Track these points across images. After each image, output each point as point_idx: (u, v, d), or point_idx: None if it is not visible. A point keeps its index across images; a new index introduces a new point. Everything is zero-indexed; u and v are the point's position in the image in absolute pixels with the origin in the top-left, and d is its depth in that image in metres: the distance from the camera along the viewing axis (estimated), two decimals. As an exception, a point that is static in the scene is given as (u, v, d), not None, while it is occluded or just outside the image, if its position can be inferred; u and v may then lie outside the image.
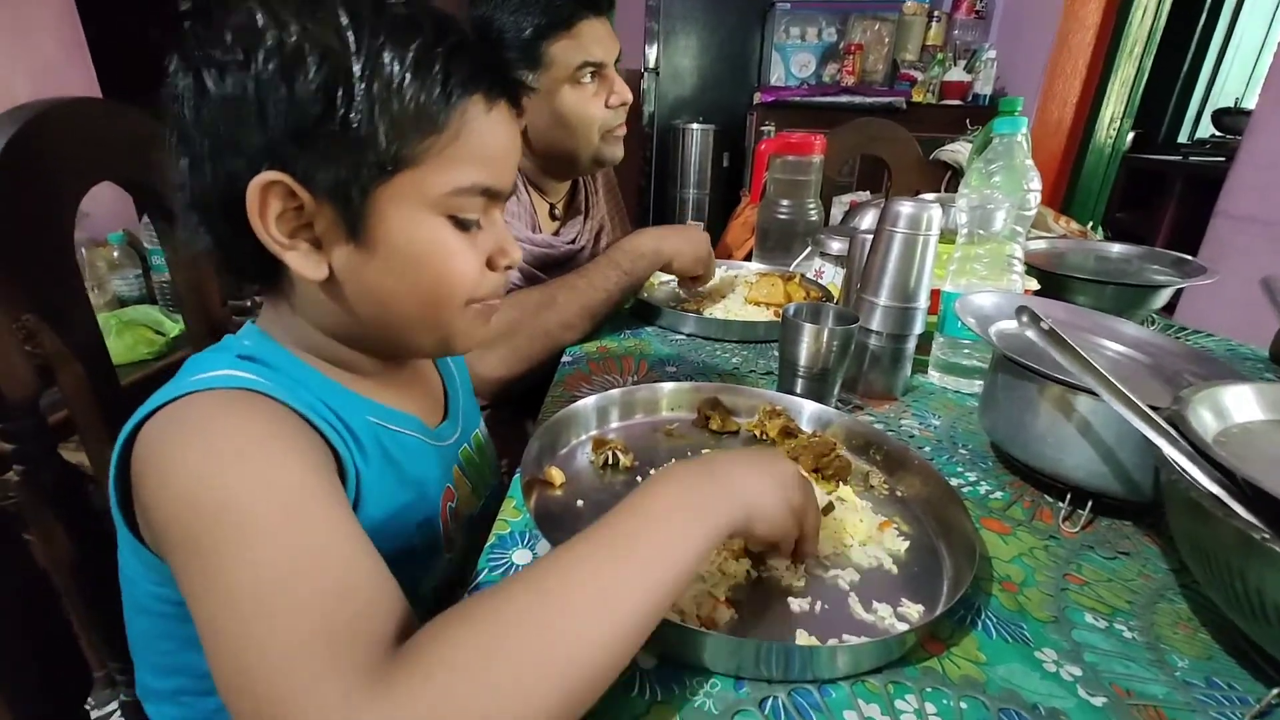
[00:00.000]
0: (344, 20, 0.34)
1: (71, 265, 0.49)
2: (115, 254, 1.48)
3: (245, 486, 0.30)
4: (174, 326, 1.36)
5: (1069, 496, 0.54)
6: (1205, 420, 0.43)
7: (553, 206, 1.06)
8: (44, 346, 0.49)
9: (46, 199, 0.47)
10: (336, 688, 0.25)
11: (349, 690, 0.25)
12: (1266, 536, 0.33)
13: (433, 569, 0.49)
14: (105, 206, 1.58)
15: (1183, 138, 3.17)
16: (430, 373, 0.55)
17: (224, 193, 0.36)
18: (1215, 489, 0.37)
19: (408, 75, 0.35)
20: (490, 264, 0.43)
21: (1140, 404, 0.43)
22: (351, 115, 0.35)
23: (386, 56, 0.35)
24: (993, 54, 2.78)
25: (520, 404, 1.10)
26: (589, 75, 0.92)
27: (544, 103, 0.91)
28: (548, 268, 0.95)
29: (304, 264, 0.37)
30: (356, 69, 0.34)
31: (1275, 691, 0.37)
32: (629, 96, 0.97)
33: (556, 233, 1.06)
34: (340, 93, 0.34)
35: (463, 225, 0.40)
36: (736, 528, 0.36)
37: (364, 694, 0.25)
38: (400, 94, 0.35)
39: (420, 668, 0.26)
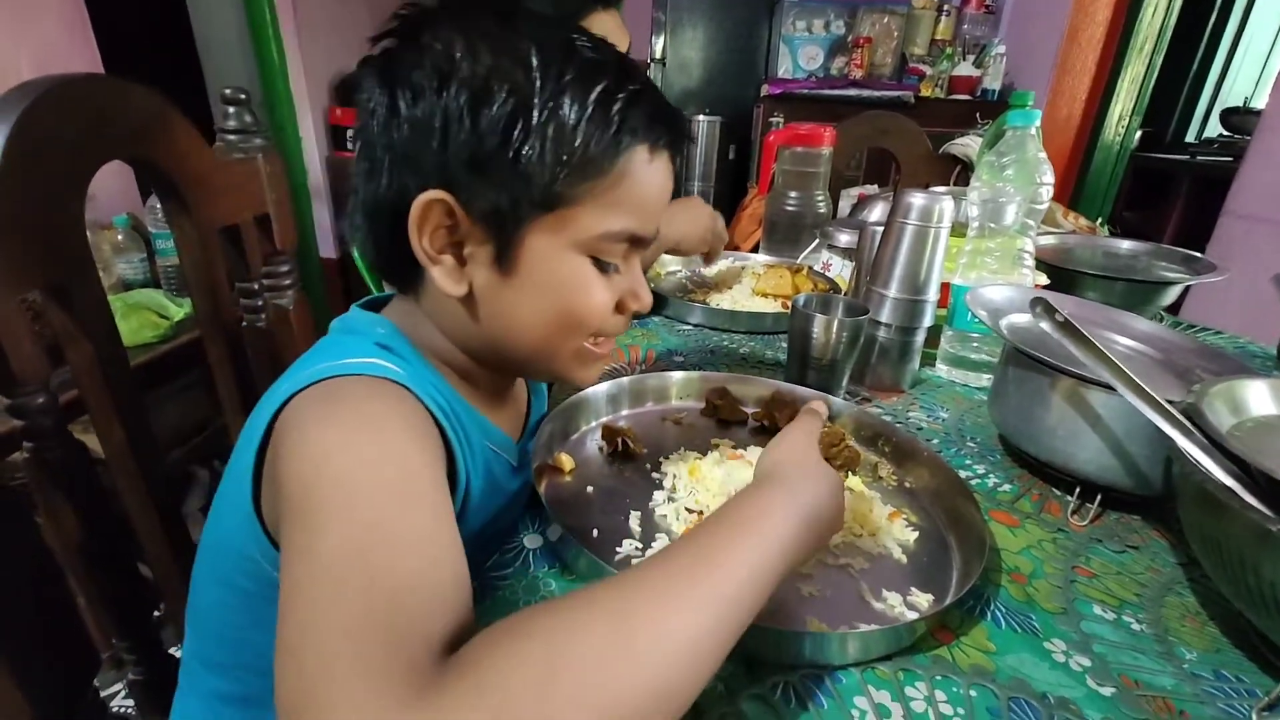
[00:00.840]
0: (534, 60, 0.36)
1: (82, 244, 0.49)
2: (120, 237, 1.48)
3: (365, 461, 0.31)
4: (178, 310, 1.36)
5: (1078, 490, 0.54)
6: (1220, 414, 0.43)
7: None
8: (53, 325, 0.48)
9: (56, 177, 0.46)
10: (377, 687, 0.23)
11: (390, 693, 0.23)
12: (1282, 529, 0.33)
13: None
14: (110, 190, 1.58)
15: (1190, 137, 3.15)
16: (520, 389, 0.56)
17: (392, 202, 0.38)
18: (1230, 481, 0.37)
19: (584, 119, 0.36)
20: (620, 306, 0.44)
21: (1156, 396, 0.43)
22: (525, 150, 0.36)
23: (567, 99, 0.36)
24: (1002, 49, 2.76)
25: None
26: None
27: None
28: None
29: (446, 279, 0.39)
30: (537, 107, 0.36)
31: (1285, 684, 0.37)
32: None
33: None
34: (519, 129, 0.36)
35: (602, 267, 0.41)
36: (805, 536, 0.34)
37: (404, 701, 0.22)
38: (573, 136, 0.36)
39: (471, 680, 0.23)
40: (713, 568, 0.29)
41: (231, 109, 0.65)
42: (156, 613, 0.58)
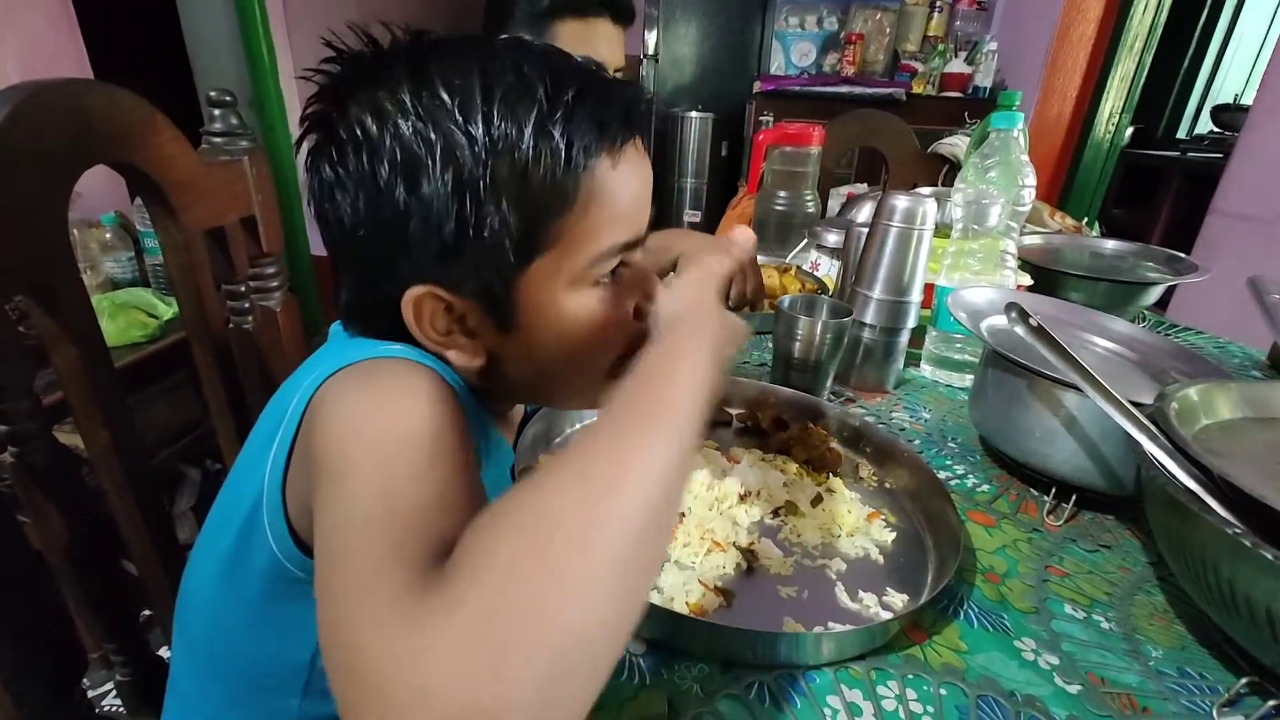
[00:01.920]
0: (458, 120, 0.34)
1: (65, 247, 0.49)
2: (107, 235, 1.47)
3: (397, 418, 0.31)
4: (167, 309, 1.36)
5: (1053, 490, 0.55)
6: (1186, 417, 0.44)
7: None
8: (37, 328, 0.49)
9: (40, 181, 0.46)
10: (391, 605, 0.23)
11: (403, 605, 0.23)
12: (1240, 532, 0.33)
13: None
14: (97, 187, 1.57)
15: (1181, 134, 3.17)
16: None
17: (382, 305, 0.37)
18: (1193, 485, 0.38)
19: (528, 159, 0.34)
20: (637, 312, 0.42)
21: (1122, 400, 0.44)
22: (485, 222, 0.35)
23: (504, 149, 0.34)
24: (994, 46, 2.77)
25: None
26: (590, 66, 0.92)
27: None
28: None
29: (462, 358, 0.39)
30: (480, 174, 0.34)
31: (1244, 681, 0.38)
32: None
33: None
34: (467, 197, 0.34)
35: (602, 282, 0.40)
36: (724, 355, 0.36)
37: (414, 605, 0.23)
38: (525, 180, 0.34)
39: (467, 566, 0.23)
40: (653, 419, 0.29)
41: (217, 111, 0.65)
42: (144, 613, 0.58)
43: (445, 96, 0.34)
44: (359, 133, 0.35)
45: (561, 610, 0.22)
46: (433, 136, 0.34)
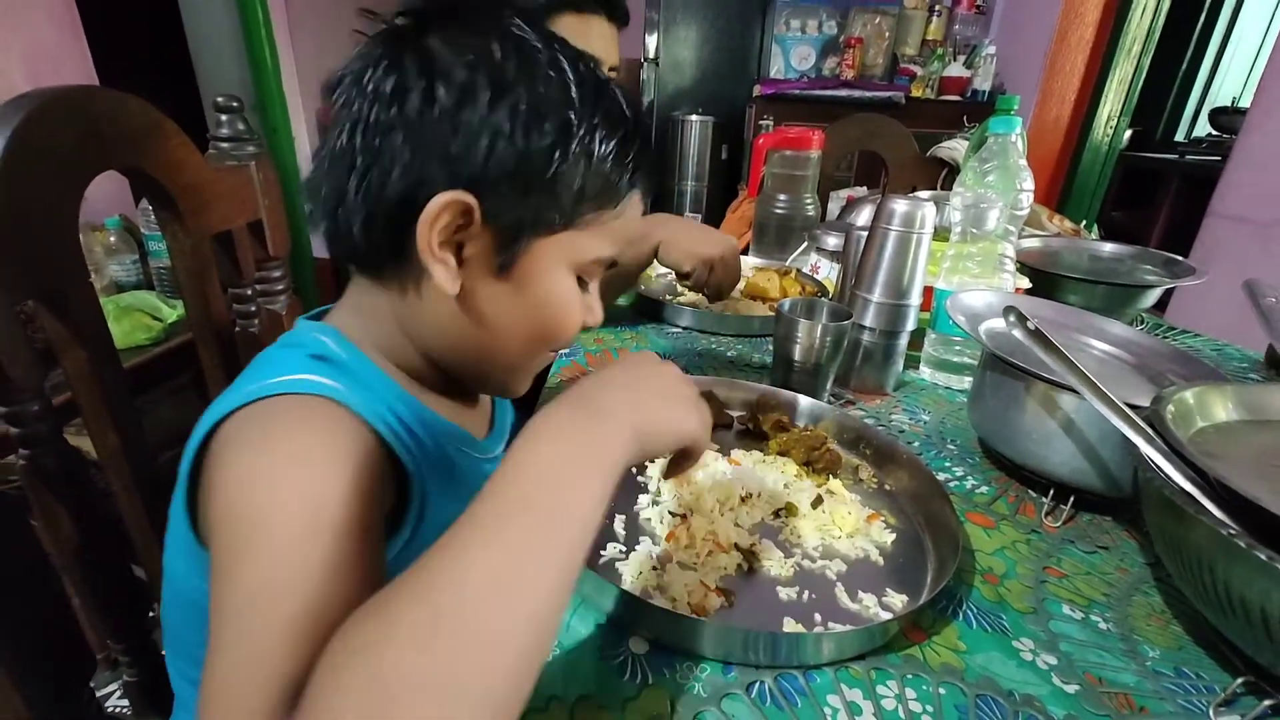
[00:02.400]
0: (576, 89, 0.38)
1: (76, 252, 0.50)
2: (112, 239, 1.48)
3: (283, 498, 0.31)
4: (171, 312, 1.36)
5: (1052, 492, 0.56)
6: (1182, 420, 0.45)
7: None
8: (46, 330, 0.49)
9: (51, 186, 0.47)
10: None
11: None
12: (1235, 533, 0.34)
13: None
14: (102, 191, 1.57)
15: (1180, 136, 3.18)
16: None
17: (404, 191, 0.37)
18: (1189, 487, 0.39)
19: (610, 155, 0.39)
20: (582, 324, 0.46)
21: (1119, 402, 0.45)
22: (560, 172, 0.38)
23: (599, 134, 0.39)
24: (992, 50, 2.78)
25: (516, 399, 1.11)
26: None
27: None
28: None
29: (446, 277, 0.39)
30: (577, 135, 0.38)
31: (1240, 681, 0.38)
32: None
33: None
34: (560, 152, 0.38)
35: (583, 285, 0.44)
36: (633, 458, 0.33)
37: None
38: (600, 167, 0.39)
39: (309, 706, 0.23)
40: (527, 510, 0.28)
41: (224, 116, 0.66)
42: (151, 614, 0.59)
43: (574, 73, 0.38)
44: (485, 52, 0.37)
45: None
46: (556, 94, 0.37)
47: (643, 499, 0.52)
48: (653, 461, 0.56)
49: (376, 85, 0.37)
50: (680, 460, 0.39)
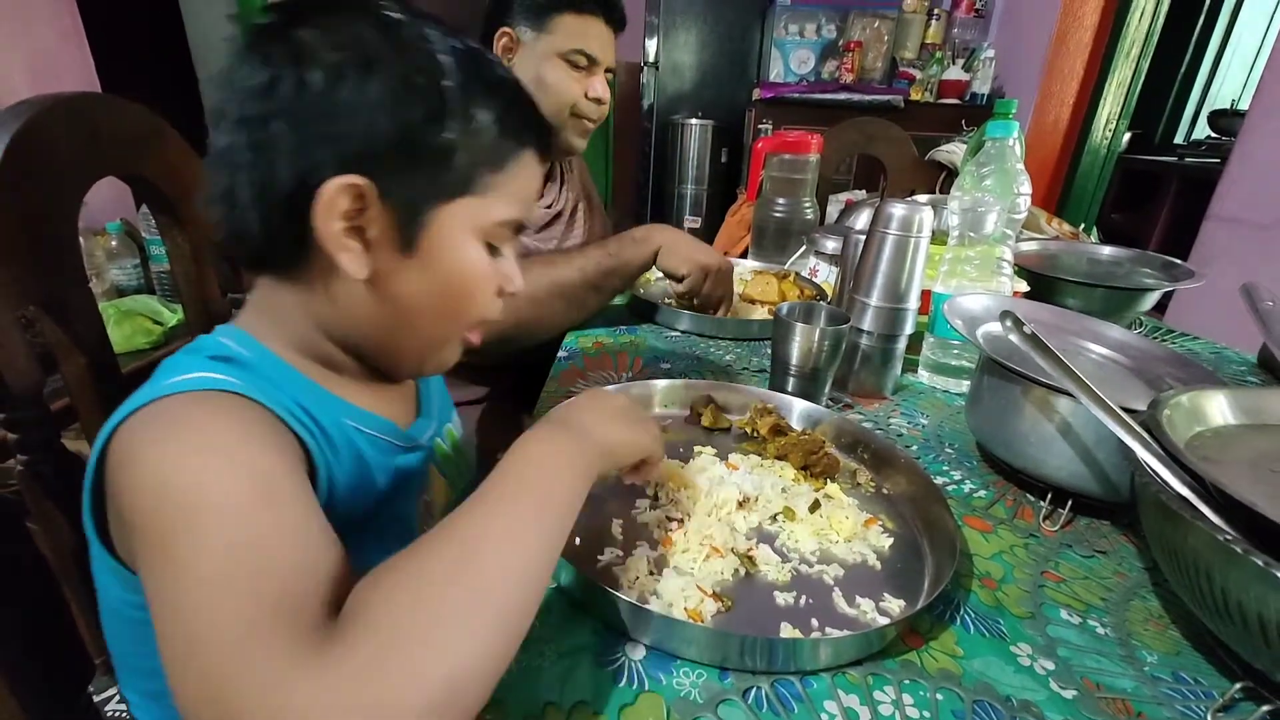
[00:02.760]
0: (450, 57, 0.39)
1: (75, 258, 0.50)
2: (113, 243, 1.49)
3: (211, 473, 0.31)
4: (172, 316, 1.37)
5: (1049, 496, 0.56)
6: (1179, 424, 0.45)
7: None
8: (45, 336, 0.49)
9: (51, 193, 0.47)
10: (279, 662, 0.26)
11: (291, 662, 0.26)
12: (1232, 538, 0.34)
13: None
14: (103, 196, 1.58)
15: (1179, 139, 3.19)
16: None
17: (294, 181, 0.37)
18: (1185, 492, 0.39)
19: (492, 118, 0.40)
20: (499, 290, 0.46)
21: (1115, 407, 0.45)
22: (444, 140, 0.39)
23: (478, 99, 0.40)
24: (991, 53, 2.79)
25: (515, 401, 1.11)
26: (583, 60, 0.96)
27: (533, 63, 0.96)
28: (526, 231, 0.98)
29: (354, 263, 0.39)
30: (458, 101, 0.39)
31: (1238, 686, 0.38)
32: (606, 98, 1.01)
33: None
34: (439, 120, 0.38)
35: (493, 251, 0.44)
36: (601, 467, 0.41)
37: (303, 664, 0.26)
38: (484, 132, 0.40)
39: (353, 630, 0.27)
40: (535, 508, 0.35)
41: (222, 122, 0.66)
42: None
43: (447, 43, 0.39)
44: (359, 30, 0.37)
45: (443, 659, 0.27)
46: (429, 60, 0.38)
47: (641, 502, 0.52)
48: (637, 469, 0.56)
49: (249, 81, 0.37)
50: (640, 468, 0.47)
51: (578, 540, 0.47)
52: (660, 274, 0.92)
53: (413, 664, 0.26)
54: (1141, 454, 0.41)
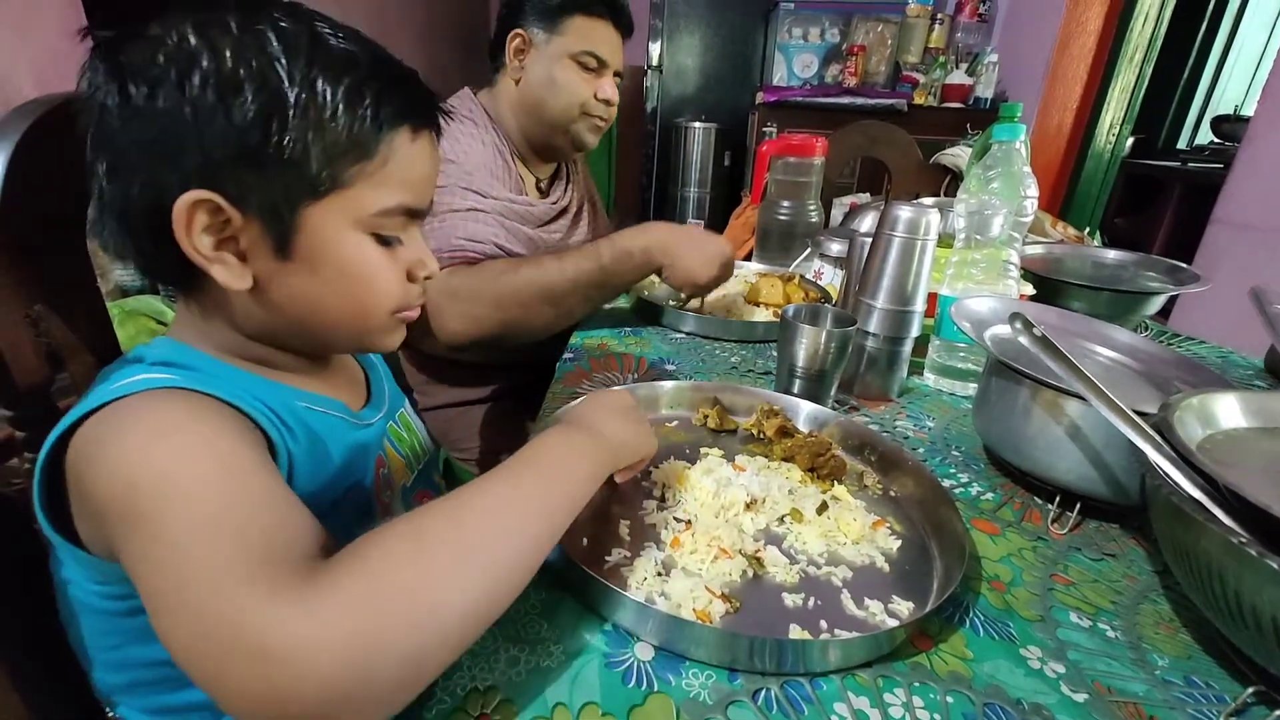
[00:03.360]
0: (278, 50, 0.36)
1: (84, 259, 0.50)
2: (117, 243, 1.49)
3: (177, 457, 0.32)
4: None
5: (1058, 499, 0.55)
6: (1191, 426, 0.45)
7: (539, 180, 1.09)
8: (53, 335, 0.49)
9: (60, 193, 0.47)
10: (265, 596, 0.27)
11: (278, 596, 0.27)
12: (1245, 541, 0.34)
13: (367, 529, 0.49)
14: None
15: (1182, 144, 3.19)
16: (350, 365, 0.57)
17: (149, 204, 0.36)
18: (1198, 494, 0.39)
19: (340, 106, 0.38)
20: (410, 276, 0.45)
21: (1126, 409, 0.44)
22: (286, 141, 0.37)
23: (320, 87, 0.37)
24: (994, 57, 2.79)
25: (519, 400, 1.11)
26: (592, 62, 0.98)
27: (545, 63, 0.98)
28: (530, 225, 0.99)
29: (229, 276, 0.38)
30: (291, 97, 0.36)
31: (1250, 690, 0.38)
32: (615, 99, 1.03)
33: (542, 198, 1.09)
34: (276, 120, 0.36)
35: (385, 241, 0.43)
36: (609, 464, 0.44)
37: (293, 596, 0.27)
38: (334, 123, 0.38)
39: (346, 571, 0.28)
40: (542, 490, 0.37)
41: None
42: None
43: (274, 34, 0.37)
44: (175, 38, 0.35)
45: (429, 603, 0.29)
46: (254, 59, 0.36)
47: (648, 503, 0.51)
48: (656, 467, 0.56)
49: (89, 109, 0.36)
50: (629, 468, 0.49)
51: (585, 541, 0.47)
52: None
53: (398, 603, 0.28)
54: (1153, 456, 0.41)
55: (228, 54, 0.35)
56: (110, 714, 0.45)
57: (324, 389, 0.49)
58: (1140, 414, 0.45)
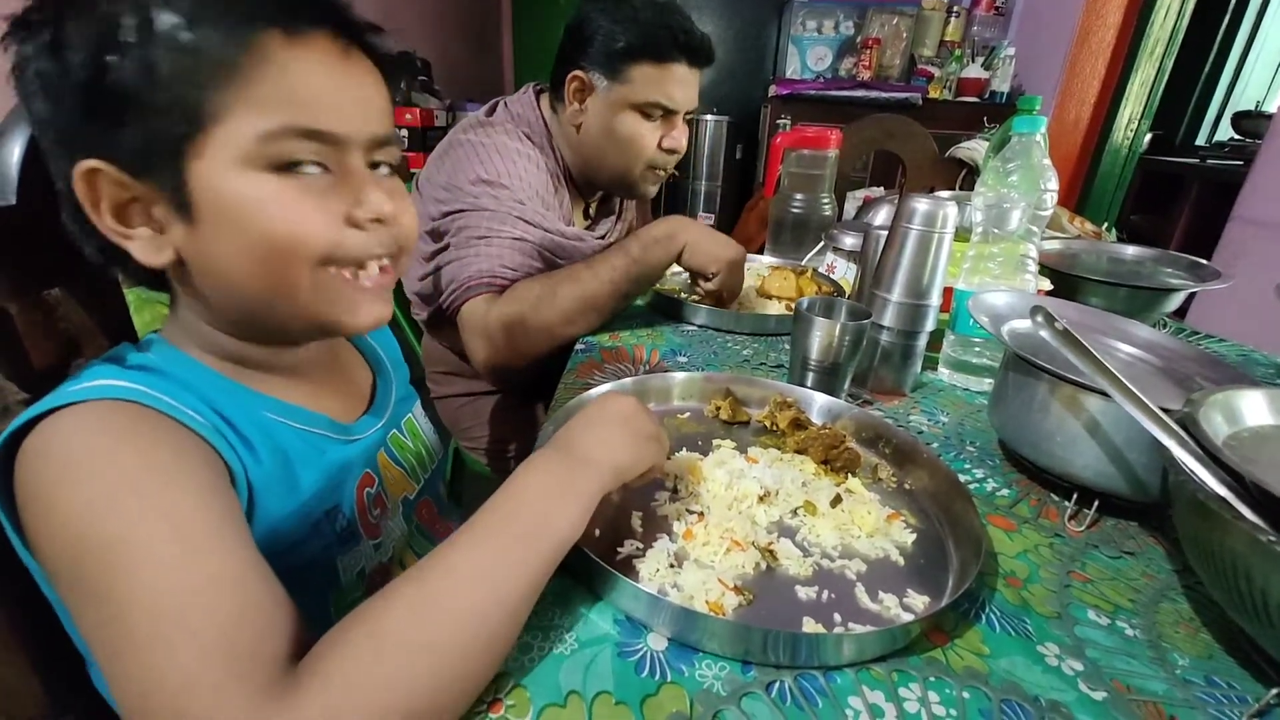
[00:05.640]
0: None
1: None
2: (131, 231, 1.49)
3: (133, 519, 0.30)
4: (188, 305, 1.37)
5: (1075, 496, 0.55)
6: (1216, 423, 0.44)
7: (588, 206, 1.07)
8: (70, 319, 0.50)
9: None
10: (239, 704, 0.26)
11: (251, 706, 0.26)
12: (1273, 539, 0.33)
13: (353, 556, 0.47)
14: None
15: (1201, 140, 3.14)
16: (354, 367, 0.55)
17: (62, 184, 0.35)
18: (1223, 491, 0.38)
19: (181, 27, 0.33)
20: (351, 220, 0.39)
21: (1151, 405, 0.44)
22: (133, 83, 0.33)
23: (156, 12, 0.33)
24: (1011, 51, 2.75)
25: (529, 391, 1.11)
26: (659, 112, 0.92)
27: (605, 111, 0.92)
28: (574, 260, 0.95)
29: (146, 251, 0.37)
30: (125, 33, 0.32)
31: (1275, 691, 0.37)
32: (682, 148, 0.97)
33: (590, 228, 1.06)
34: (115, 62, 0.32)
35: (290, 170, 0.37)
36: (608, 487, 0.40)
37: (265, 708, 0.26)
38: (178, 44, 0.33)
39: (317, 678, 0.27)
40: (508, 526, 0.35)
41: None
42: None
43: None
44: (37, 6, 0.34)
45: (399, 701, 0.28)
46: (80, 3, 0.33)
47: (660, 495, 0.51)
48: (668, 458, 0.55)
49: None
50: (644, 474, 0.46)
51: (597, 532, 0.47)
52: (677, 268, 0.91)
53: (369, 707, 0.27)
54: (1178, 452, 0.40)
55: (58, 3, 0.33)
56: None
57: (307, 398, 0.45)
58: (1163, 410, 0.44)
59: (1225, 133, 3.02)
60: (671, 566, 0.44)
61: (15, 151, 0.43)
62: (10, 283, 0.43)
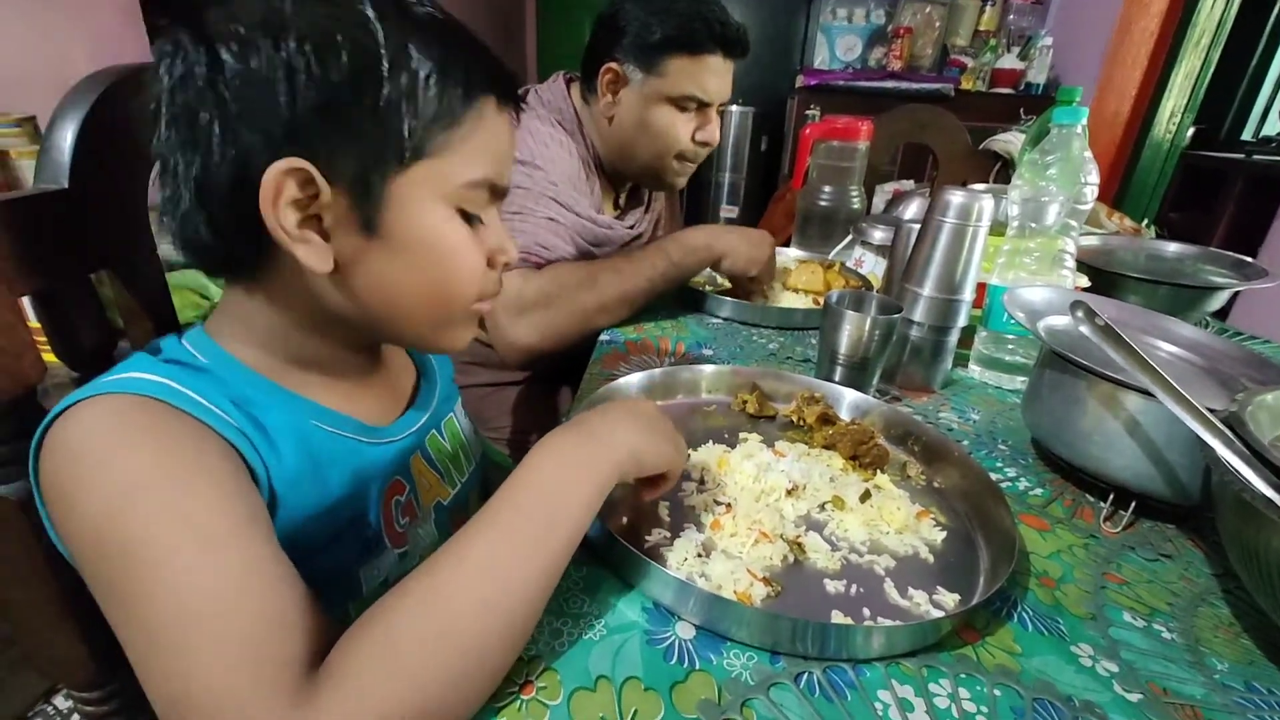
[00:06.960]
0: (370, 11, 0.36)
1: (146, 226, 0.51)
2: (165, 218, 1.53)
3: (155, 520, 0.30)
4: (218, 290, 1.40)
5: (1111, 496, 0.53)
6: (1264, 424, 0.43)
7: (618, 195, 1.07)
8: (116, 301, 0.51)
9: (125, 162, 0.49)
10: (265, 709, 0.27)
11: (277, 711, 0.27)
12: (1323, 543, 0.32)
13: (377, 566, 0.46)
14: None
15: (1247, 135, 3.02)
16: (397, 365, 0.54)
17: (232, 175, 0.35)
18: (1270, 492, 0.37)
19: (433, 69, 0.37)
20: (490, 262, 0.44)
21: (1196, 404, 0.43)
22: (380, 102, 0.36)
23: (414, 51, 0.36)
24: (1048, 41, 2.68)
25: (552, 380, 1.11)
26: (694, 105, 0.92)
27: (639, 103, 0.91)
28: (603, 248, 0.95)
29: (312, 257, 0.37)
30: (386, 58, 0.36)
31: (1320, 699, 0.36)
32: (715, 140, 0.97)
33: (619, 218, 1.06)
34: (369, 79, 0.35)
35: (468, 219, 0.41)
36: (625, 472, 0.40)
37: (290, 717, 0.27)
38: (426, 87, 0.37)
39: (333, 680, 0.28)
40: (520, 513, 0.35)
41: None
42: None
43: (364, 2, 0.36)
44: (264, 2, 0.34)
45: (413, 699, 0.28)
46: (346, 16, 0.35)
47: (687, 485, 0.51)
48: (695, 450, 0.55)
49: (169, 76, 0.34)
50: (657, 482, 0.45)
51: (624, 520, 0.47)
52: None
53: (387, 708, 0.28)
54: (1223, 452, 0.39)
55: (321, 14, 0.35)
56: None
57: (344, 401, 0.45)
58: (1208, 410, 0.43)
59: (1273, 127, 2.90)
60: (699, 556, 0.44)
61: (68, 137, 0.44)
62: (61, 265, 0.45)
